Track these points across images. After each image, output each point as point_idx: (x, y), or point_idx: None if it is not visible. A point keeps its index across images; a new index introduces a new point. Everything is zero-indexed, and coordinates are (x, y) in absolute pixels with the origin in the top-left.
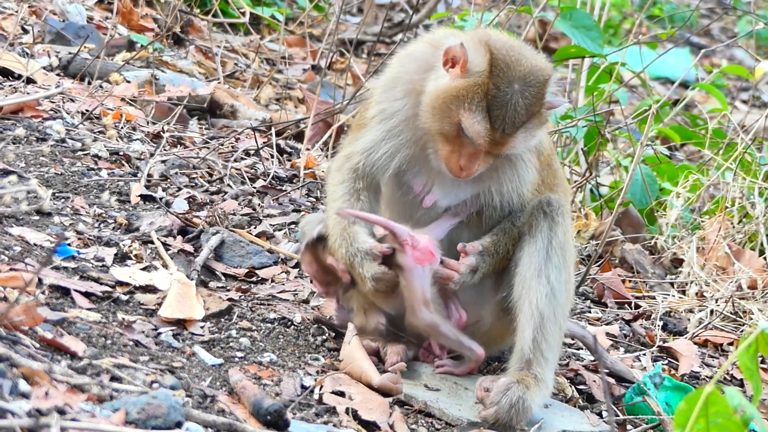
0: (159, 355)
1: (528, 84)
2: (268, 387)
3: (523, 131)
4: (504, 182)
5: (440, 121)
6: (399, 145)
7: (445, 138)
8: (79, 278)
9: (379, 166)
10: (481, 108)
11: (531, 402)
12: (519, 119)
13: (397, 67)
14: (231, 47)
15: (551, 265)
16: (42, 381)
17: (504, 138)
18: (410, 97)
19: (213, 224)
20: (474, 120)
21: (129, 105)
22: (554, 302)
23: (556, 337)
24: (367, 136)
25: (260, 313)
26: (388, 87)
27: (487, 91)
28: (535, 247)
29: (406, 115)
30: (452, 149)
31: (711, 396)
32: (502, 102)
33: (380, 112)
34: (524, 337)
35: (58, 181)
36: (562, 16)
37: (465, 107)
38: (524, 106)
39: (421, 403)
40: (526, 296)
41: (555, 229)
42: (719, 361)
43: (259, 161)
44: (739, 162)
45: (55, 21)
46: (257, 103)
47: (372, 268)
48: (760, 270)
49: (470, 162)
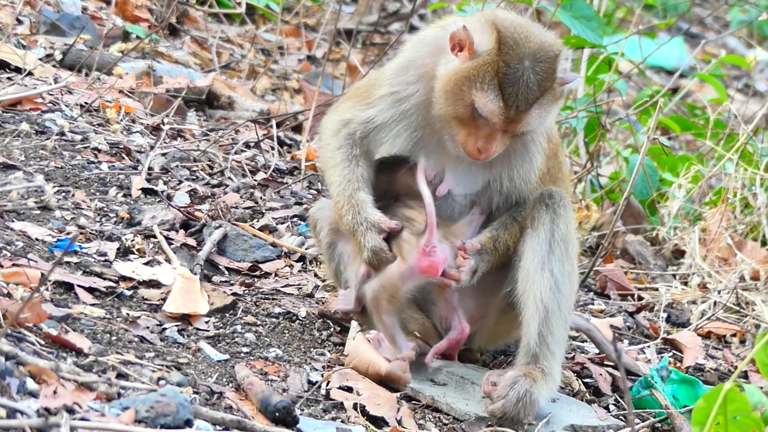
0: (164, 351)
1: (538, 59)
2: (274, 383)
3: (537, 107)
4: (515, 167)
5: (454, 104)
6: (409, 128)
7: (460, 121)
8: (82, 273)
9: (378, 141)
10: (493, 86)
11: (538, 395)
12: (532, 95)
13: (411, 52)
14: (226, 37)
15: (554, 257)
16: (50, 379)
17: (519, 115)
18: (423, 81)
19: (215, 218)
20: (487, 99)
21: (127, 97)
22: (558, 295)
23: (561, 330)
24: (372, 111)
25: (265, 307)
26: (401, 70)
27: (497, 69)
28: (538, 240)
29: (417, 100)
30: (469, 132)
31: (730, 393)
32: (514, 78)
33: (391, 93)
34: (530, 331)
35: (58, 174)
36: (563, 7)
37: (477, 87)
38: (536, 81)
39: (429, 398)
40: (530, 290)
41: (557, 221)
42: (723, 353)
43: (259, 153)
44: (741, 153)
45: (50, 12)
46: (254, 94)
47: (373, 240)
48: (762, 261)
49: (488, 143)
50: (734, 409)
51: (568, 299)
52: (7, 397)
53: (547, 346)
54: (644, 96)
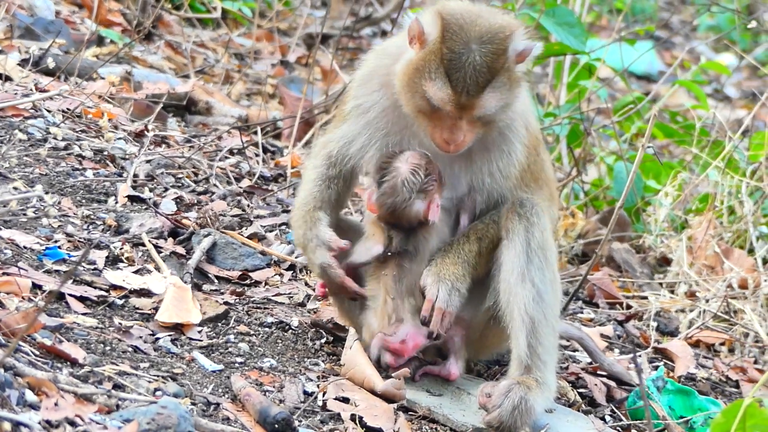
0: (159, 361)
1: (485, 42)
2: (270, 394)
3: (491, 90)
4: (495, 160)
5: (412, 98)
6: (380, 136)
7: (424, 115)
8: (72, 282)
9: (353, 156)
10: (440, 74)
11: (534, 402)
12: (482, 78)
13: (373, 61)
14: (200, 42)
15: (533, 267)
16: (50, 391)
17: (471, 100)
18: (387, 88)
19: (204, 226)
20: (436, 87)
21: (107, 103)
22: (542, 304)
23: (551, 339)
24: (344, 127)
25: (257, 317)
26: (363, 81)
27: (442, 56)
28: (515, 251)
29: (383, 107)
30: (434, 124)
31: (749, 408)
32: (459, 64)
33: (356, 106)
34: (519, 344)
35: (43, 182)
36: (546, 13)
37: (426, 77)
38: (484, 64)
39: (425, 409)
40: (514, 302)
41: (531, 230)
42: (713, 362)
43: (243, 160)
44: (728, 160)
45: (24, 16)
46: (229, 99)
47: (322, 257)
48: (750, 269)
49: (453, 133)
50: (753, 424)
51: (553, 307)
52: (8, 409)
53: (539, 356)
54: (624, 102)
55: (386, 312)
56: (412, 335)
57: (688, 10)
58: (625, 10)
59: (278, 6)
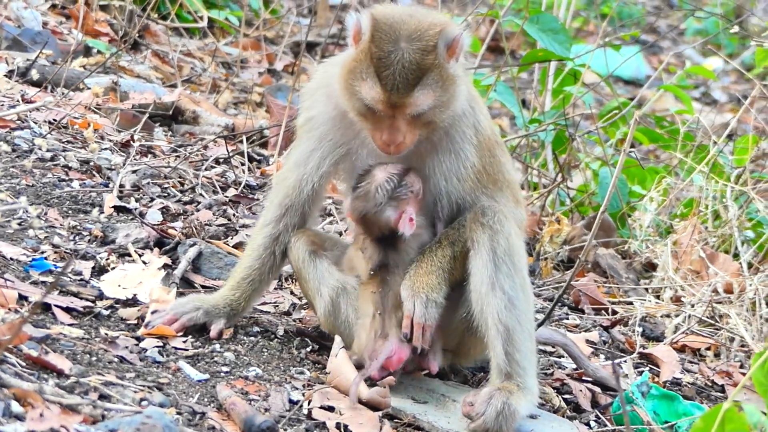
0: (145, 371)
1: (414, 39)
2: (256, 402)
3: (422, 88)
4: (444, 161)
5: (350, 100)
6: (331, 147)
7: (364, 117)
8: (59, 293)
9: (310, 176)
10: (370, 73)
11: (517, 406)
12: (411, 76)
13: (321, 72)
14: (187, 51)
15: (502, 275)
16: (35, 402)
17: (402, 99)
18: (332, 98)
19: (189, 235)
20: (367, 87)
21: (94, 113)
22: (515, 311)
23: (527, 344)
24: (300, 147)
25: (242, 326)
26: (311, 93)
27: (371, 55)
28: (482, 261)
29: (331, 116)
30: (374, 126)
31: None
32: (388, 62)
33: (308, 119)
34: (497, 353)
35: (30, 192)
36: (530, 20)
37: (358, 77)
38: (414, 61)
39: (410, 416)
40: (487, 311)
41: (496, 238)
42: (699, 367)
43: (229, 169)
44: (712, 165)
45: (11, 27)
46: (217, 108)
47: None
48: (735, 274)
49: (391, 134)
50: (732, 429)
51: (527, 312)
52: None
53: (517, 363)
54: (610, 108)
55: (373, 327)
56: (396, 350)
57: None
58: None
59: (265, 14)
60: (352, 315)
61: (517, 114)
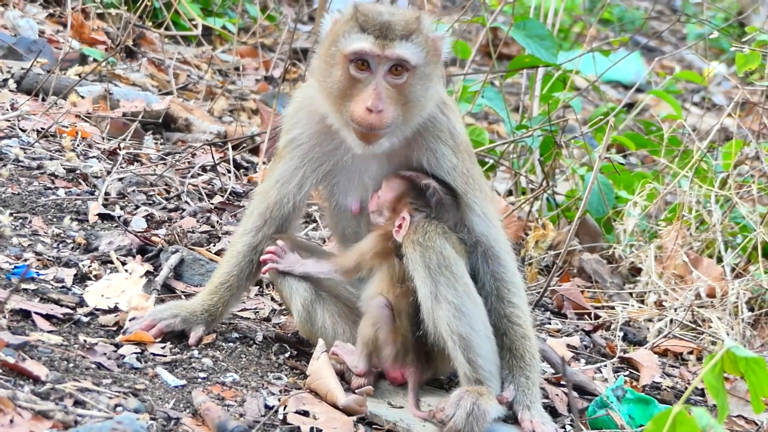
0: (122, 377)
1: (397, 14)
2: (231, 408)
3: (408, 43)
4: (423, 160)
5: (330, 74)
6: (314, 166)
7: (344, 92)
8: (39, 300)
9: (292, 194)
10: (356, 28)
11: (486, 406)
12: (398, 29)
13: (299, 94)
14: (183, 59)
15: (442, 286)
16: (6, 408)
17: (389, 43)
18: (313, 115)
19: (172, 242)
20: (352, 39)
21: (84, 121)
22: (465, 318)
23: (486, 347)
24: (281, 165)
25: (222, 332)
26: (293, 114)
27: (356, 18)
28: (420, 278)
29: (314, 130)
30: (356, 98)
31: (679, 416)
32: (373, 17)
33: (290, 140)
34: (460, 362)
35: (15, 201)
36: (516, 26)
37: (341, 40)
38: (399, 21)
39: (387, 421)
40: (439, 325)
41: (427, 254)
42: (680, 371)
43: (216, 177)
44: (695, 170)
45: (7, 35)
46: (211, 116)
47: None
48: (718, 278)
49: (377, 98)
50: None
51: (476, 315)
52: None
53: (481, 367)
54: (599, 113)
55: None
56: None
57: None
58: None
59: (262, 20)
60: (328, 321)
61: (505, 119)
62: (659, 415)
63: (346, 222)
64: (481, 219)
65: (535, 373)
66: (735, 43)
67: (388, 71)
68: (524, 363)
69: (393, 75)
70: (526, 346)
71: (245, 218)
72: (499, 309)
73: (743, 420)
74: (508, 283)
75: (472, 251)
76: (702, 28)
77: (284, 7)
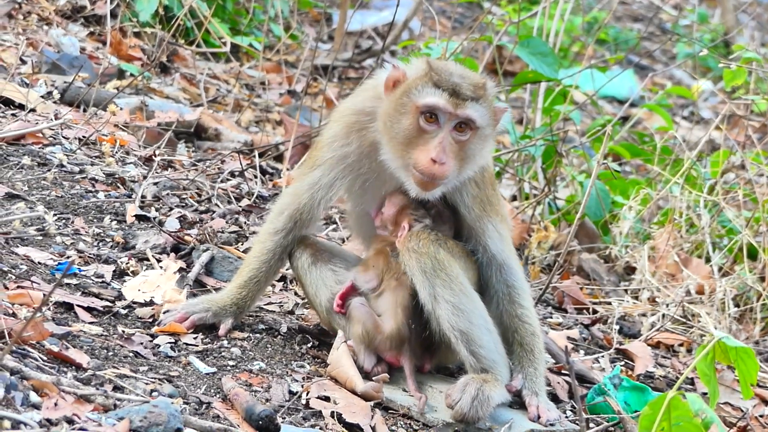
0: (157, 365)
1: (466, 76)
2: (258, 393)
3: (477, 104)
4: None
5: (399, 121)
6: (354, 175)
7: (409, 141)
8: (81, 294)
9: (323, 198)
10: (429, 85)
11: (491, 392)
12: (468, 90)
13: (347, 119)
14: (213, 74)
15: (439, 288)
16: (51, 393)
17: (461, 102)
18: (363, 140)
19: (203, 241)
20: (426, 92)
21: (122, 130)
22: (464, 315)
23: (488, 338)
24: (318, 173)
25: (249, 324)
26: (339, 137)
27: (430, 75)
28: (419, 282)
29: (361, 151)
30: (420, 149)
31: (673, 401)
32: (446, 77)
33: (332, 158)
34: (464, 355)
35: (59, 203)
36: (521, 44)
37: (414, 93)
38: (468, 85)
39: (400, 406)
40: (441, 324)
41: (422, 259)
42: (671, 362)
43: (243, 182)
44: (686, 177)
45: (51, 52)
46: (239, 126)
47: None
48: (706, 276)
49: (442, 151)
50: (677, 415)
51: (475, 310)
52: (11, 409)
53: (484, 357)
54: (597, 125)
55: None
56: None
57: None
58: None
59: (285, 39)
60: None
61: (510, 130)
62: (654, 400)
63: (368, 225)
64: (495, 239)
65: (541, 365)
66: (722, 60)
67: (453, 128)
68: (533, 356)
69: (458, 131)
70: (534, 341)
71: (274, 216)
72: (511, 311)
73: (730, 407)
74: (519, 289)
75: (488, 264)
76: (691, 48)
77: (306, 27)
